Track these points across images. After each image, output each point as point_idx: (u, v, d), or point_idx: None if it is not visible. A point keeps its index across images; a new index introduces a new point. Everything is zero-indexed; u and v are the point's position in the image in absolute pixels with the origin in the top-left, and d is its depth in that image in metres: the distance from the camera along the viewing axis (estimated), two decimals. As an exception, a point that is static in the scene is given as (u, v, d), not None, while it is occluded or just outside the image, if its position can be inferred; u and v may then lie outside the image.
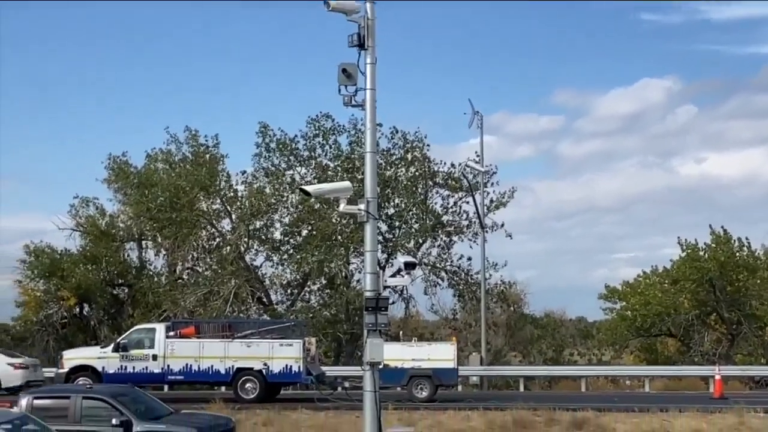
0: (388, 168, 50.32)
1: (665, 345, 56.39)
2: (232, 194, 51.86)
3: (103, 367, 32.77)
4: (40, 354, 49.22)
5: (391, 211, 50.81)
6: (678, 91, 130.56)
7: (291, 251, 50.96)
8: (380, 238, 47.20)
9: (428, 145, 51.51)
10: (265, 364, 32.29)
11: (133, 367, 32.71)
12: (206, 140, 52.15)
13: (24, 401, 22.59)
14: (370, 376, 16.45)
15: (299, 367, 32.24)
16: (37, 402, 22.68)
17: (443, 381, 33.83)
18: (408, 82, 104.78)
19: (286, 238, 51.54)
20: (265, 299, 51.75)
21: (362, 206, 17.00)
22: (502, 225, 50.69)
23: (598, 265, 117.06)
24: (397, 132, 50.94)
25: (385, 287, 17.07)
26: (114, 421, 21.88)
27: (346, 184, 18.13)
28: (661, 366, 50.00)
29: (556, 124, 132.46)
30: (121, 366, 32.78)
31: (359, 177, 40.36)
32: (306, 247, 49.21)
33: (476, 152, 48.73)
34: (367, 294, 16.73)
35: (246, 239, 51.23)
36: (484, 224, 47.99)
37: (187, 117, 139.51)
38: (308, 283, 52.04)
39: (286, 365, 32.28)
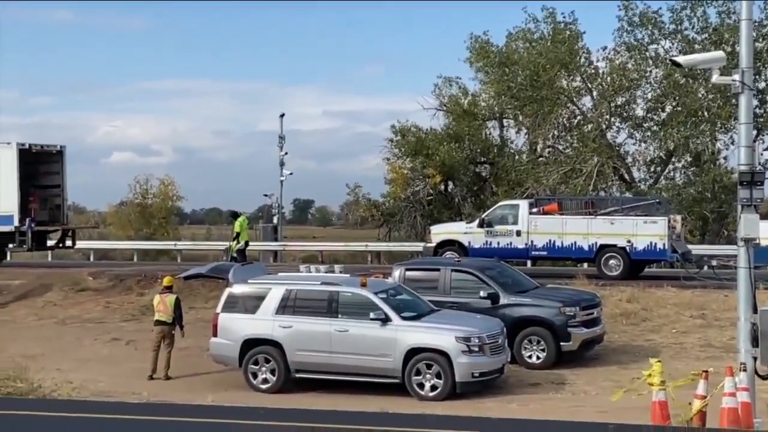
0: (759, 40, 47.55)
1: None
2: (592, 71, 51.26)
3: (469, 242, 33.54)
4: (408, 229, 51.52)
5: (762, 85, 48.16)
6: None
7: (654, 128, 49.82)
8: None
9: (808, 11, 48.21)
10: (629, 241, 31.85)
11: (498, 243, 33.23)
12: (564, 17, 51.75)
13: (397, 273, 23.75)
14: (744, 252, 15.79)
15: (664, 244, 31.58)
16: (409, 273, 23.78)
17: (820, 262, 32.11)
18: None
19: (649, 115, 50.38)
20: (627, 177, 51.09)
21: (736, 76, 16.16)
22: None
23: None
24: (770, -2, 48.05)
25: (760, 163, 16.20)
26: (482, 293, 22.59)
27: (720, 53, 17.22)
28: None
29: None
30: (486, 241, 33.40)
31: (727, 50, 38.50)
32: (670, 124, 47.91)
33: None
34: (742, 168, 15.98)
35: (607, 116, 50.57)
36: None
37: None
38: (672, 161, 50.77)
39: (651, 242, 31.70)
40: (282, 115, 57.00)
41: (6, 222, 36.14)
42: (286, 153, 56.04)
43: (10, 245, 38.18)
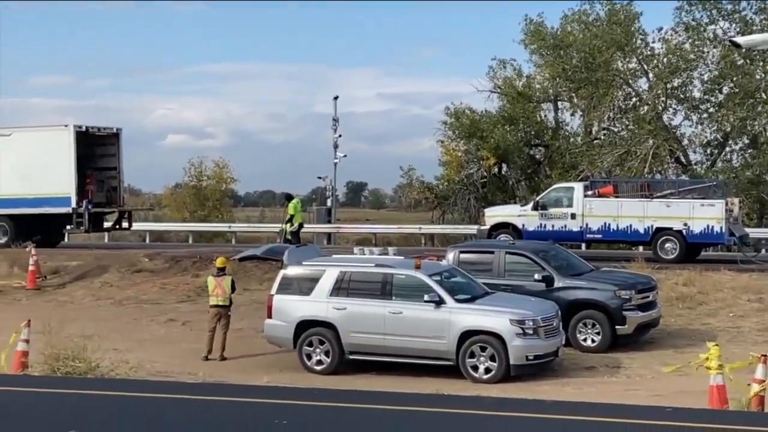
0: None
1: None
2: (649, 52, 50.79)
3: (523, 225, 33.32)
4: (462, 211, 51.45)
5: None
6: None
7: (711, 109, 49.26)
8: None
9: None
10: (686, 224, 31.52)
11: (552, 225, 33.02)
12: (620, -1, 51.28)
13: (451, 255, 23.71)
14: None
15: (721, 227, 31.22)
16: (463, 256, 23.73)
17: None
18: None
19: (706, 96, 49.80)
20: (683, 159, 50.58)
21: (797, 56, 15.98)
22: None
23: None
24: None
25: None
26: (536, 276, 22.50)
27: (780, 33, 17.04)
28: None
29: None
30: (541, 224, 33.16)
31: (785, 31, 37.94)
32: (727, 105, 47.35)
33: None
34: (802, 150, 15.84)
35: (663, 98, 50.05)
36: None
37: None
38: (729, 143, 50.19)
39: (708, 226, 31.35)
40: (336, 98, 57.13)
41: (63, 203, 36.60)
42: (339, 135, 56.11)
43: (68, 226, 38.68)
